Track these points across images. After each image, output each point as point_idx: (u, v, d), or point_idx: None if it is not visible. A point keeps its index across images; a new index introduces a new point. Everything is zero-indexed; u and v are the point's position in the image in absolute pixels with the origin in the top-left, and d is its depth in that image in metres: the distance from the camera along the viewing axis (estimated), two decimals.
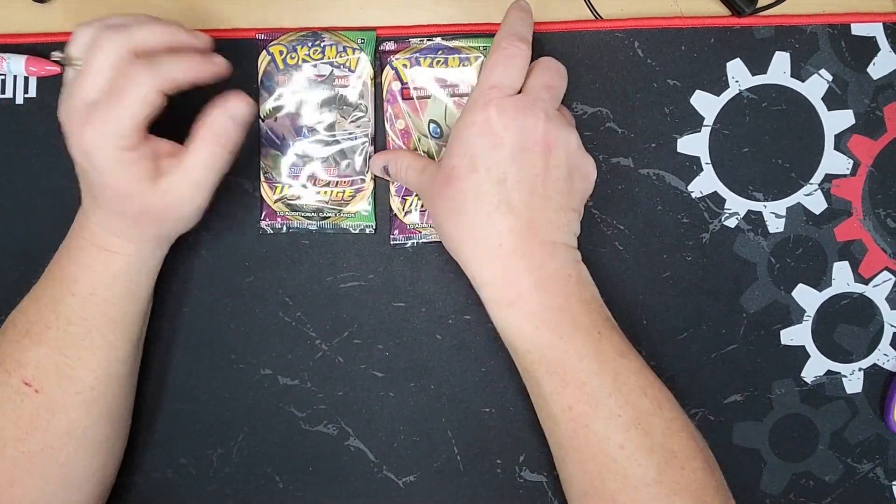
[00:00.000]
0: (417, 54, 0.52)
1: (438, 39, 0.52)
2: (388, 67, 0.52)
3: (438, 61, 0.52)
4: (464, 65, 0.52)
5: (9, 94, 0.54)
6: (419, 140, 0.52)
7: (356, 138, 0.53)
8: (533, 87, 0.46)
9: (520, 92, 0.46)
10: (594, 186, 0.52)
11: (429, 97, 0.52)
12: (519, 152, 0.44)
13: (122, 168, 0.43)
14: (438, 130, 0.52)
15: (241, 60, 0.54)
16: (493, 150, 0.44)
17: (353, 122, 0.53)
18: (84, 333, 0.46)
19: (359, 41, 0.53)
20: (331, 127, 0.53)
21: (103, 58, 0.42)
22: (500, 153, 0.44)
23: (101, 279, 0.47)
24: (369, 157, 0.53)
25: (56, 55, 0.46)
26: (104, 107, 0.42)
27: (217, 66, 0.46)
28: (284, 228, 0.54)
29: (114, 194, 0.44)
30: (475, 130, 0.45)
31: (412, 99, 0.52)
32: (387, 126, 0.53)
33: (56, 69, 0.53)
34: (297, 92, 0.53)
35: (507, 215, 0.44)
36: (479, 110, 0.45)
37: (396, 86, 0.52)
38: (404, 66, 0.52)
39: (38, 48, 0.54)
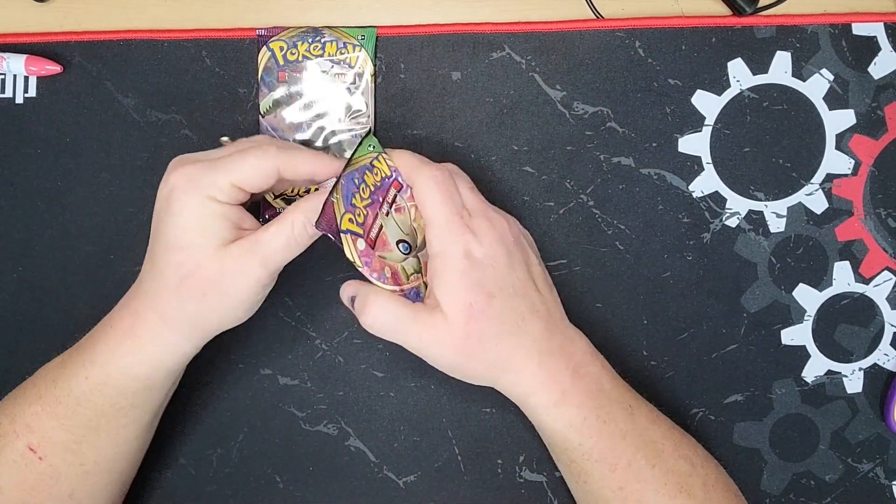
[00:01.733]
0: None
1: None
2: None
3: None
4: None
5: (9, 93, 0.54)
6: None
7: (356, 135, 0.53)
8: (466, 196, 0.46)
9: None
10: (595, 186, 0.52)
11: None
12: (509, 259, 0.45)
13: (199, 217, 0.42)
14: (408, 246, 0.47)
15: (242, 57, 0.54)
16: (494, 270, 0.44)
17: (352, 118, 0.53)
18: (92, 416, 0.45)
19: (359, 37, 0.53)
20: (331, 123, 0.53)
21: (248, 142, 0.45)
22: (499, 269, 0.44)
23: (116, 369, 0.44)
24: None
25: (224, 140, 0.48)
26: (218, 158, 0.43)
27: (334, 169, 0.45)
28: None
29: (177, 245, 0.42)
30: (467, 263, 0.44)
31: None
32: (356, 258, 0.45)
33: (56, 69, 0.53)
34: (297, 88, 0.53)
35: (535, 318, 0.45)
36: (456, 244, 0.44)
37: (361, 244, 0.45)
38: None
39: (38, 48, 0.54)
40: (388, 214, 0.47)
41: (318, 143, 0.53)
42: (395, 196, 0.47)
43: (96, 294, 0.54)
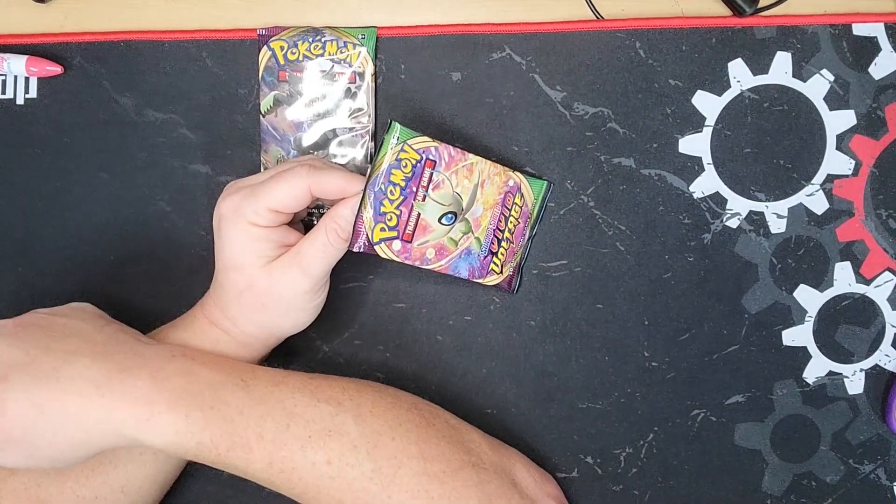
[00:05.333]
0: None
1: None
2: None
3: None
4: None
5: (9, 94, 0.54)
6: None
7: (356, 134, 0.53)
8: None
9: None
10: (595, 187, 0.52)
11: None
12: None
13: (245, 241, 0.45)
14: (452, 217, 0.48)
15: (242, 57, 0.54)
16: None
17: (353, 117, 0.53)
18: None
19: (359, 37, 0.53)
20: (331, 123, 0.53)
21: (287, 161, 0.48)
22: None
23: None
24: (370, 153, 0.53)
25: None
26: (256, 185, 0.45)
27: (362, 184, 0.45)
28: None
29: (230, 265, 0.46)
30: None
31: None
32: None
33: (56, 69, 0.53)
34: (297, 87, 0.53)
35: (78, 356, 0.42)
36: None
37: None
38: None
39: (39, 48, 0.54)
40: (424, 199, 0.47)
41: (320, 143, 0.53)
42: (431, 174, 0.47)
43: (96, 294, 0.54)
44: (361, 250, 0.45)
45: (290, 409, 0.43)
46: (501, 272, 0.51)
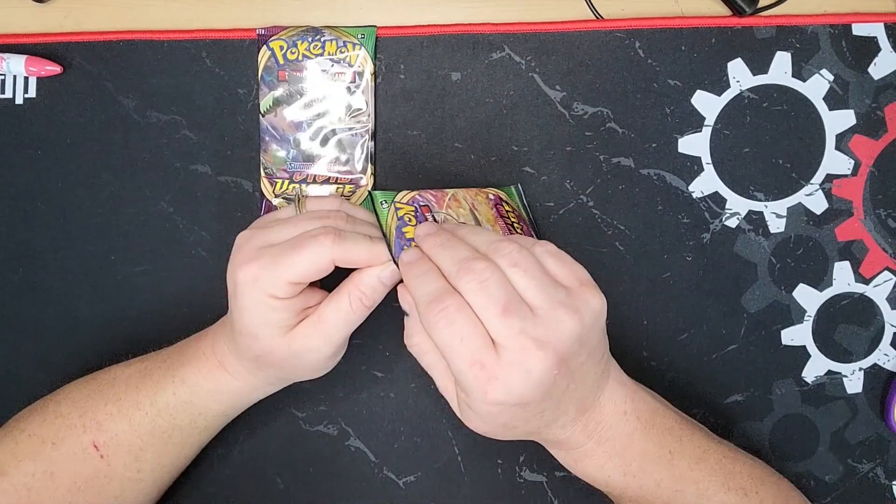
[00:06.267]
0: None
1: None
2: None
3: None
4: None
5: (8, 94, 0.54)
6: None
7: (356, 134, 0.53)
8: (523, 291, 0.40)
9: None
10: (594, 186, 0.52)
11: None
12: (542, 395, 0.39)
13: (262, 312, 0.43)
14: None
15: (242, 57, 0.54)
16: (520, 411, 0.40)
17: (352, 117, 0.53)
18: (167, 428, 0.47)
19: (359, 36, 0.53)
20: (331, 122, 0.53)
21: (311, 215, 0.45)
22: (527, 409, 0.40)
23: (205, 392, 0.47)
24: (370, 153, 0.53)
25: (294, 193, 0.48)
26: (277, 253, 0.42)
27: (382, 259, 0.44)
28: None
29: (246, 332, 0.44)
30: (486, 410, 0.40)
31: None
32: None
33: (56, 69, 0.53)
34: (297, 87, 0.53)
35: (557, 425, 0.43)
36: (476, 397, 0.39)
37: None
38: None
39: (38, 48, 0.54)
40: None
41: (319, 142, 0.53)
42: (433, 217, 0.46)
43: (96, 294, 0.54)
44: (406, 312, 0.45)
45: (703, 490, 0.45)
46: None
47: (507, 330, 0.38)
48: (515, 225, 0.50)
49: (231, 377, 0.47)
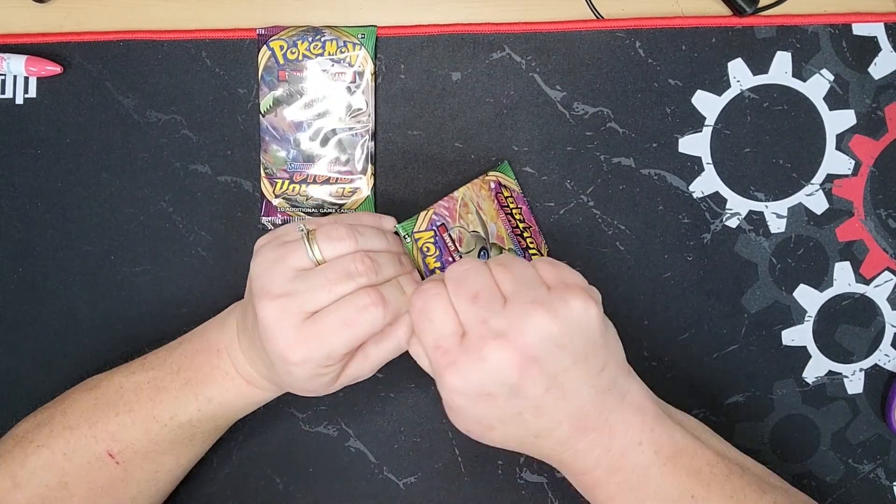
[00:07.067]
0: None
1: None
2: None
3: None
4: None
5: (9, 94, 0.54)
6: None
7: (356, 134, 0.53)
8: (466, 317, 0.40)
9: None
10: (595, 186, 0.52)
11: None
12: (513, 386, 0.39)
13: (314, 381, 0.43)
14: (484, 251, 0.50)
15: (242, 57, 0.54)
16: (489, 404, 0.40)
17: (353, 117, 0.53)
18: (188, 436, 0.47)
19: (359, 36, 0.53)
20: (331, 122, 0.53)
21: (339, 272, 0.42)
22: (497, 402, 0.40)
23: (233, 408, 0.47)
24: (370, 153, 0.53)
25: (302, 231, 0.44)
26: (327, 332, 0.41)
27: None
28: (285, 224, 0.54)
29: (292, 387, 0.44)
30: (456, 401, 0.40)
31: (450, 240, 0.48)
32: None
33: (56, 69, 0.53)
34: (297, 87, 0.53)
35: (549, 435, 0.41)
36: (442, 384, 0.40)
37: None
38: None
39: (39, 49, 0.54)
40: (461, 257, 0.48)
41: (320, 142, 0.53)
42: (449, 235, 0.49)
43: (96, 294, 0.54)
44: None
45: None
46: (542, 253, 0.52)
47: (473, 318, 0.39)
48: (515, 212, 0.51)
49: (260, 391, 0.47)
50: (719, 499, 0.41)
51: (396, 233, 0.47)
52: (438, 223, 0.45)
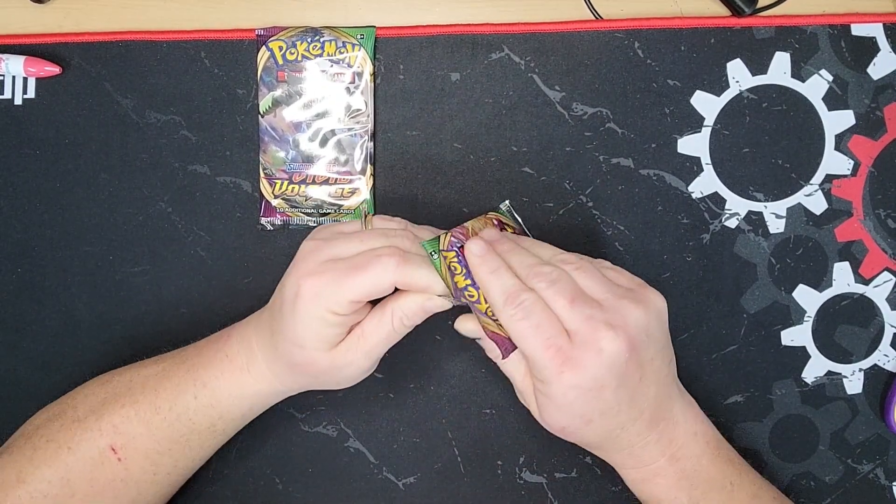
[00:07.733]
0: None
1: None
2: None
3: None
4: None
5: (7, 94, 0.54)
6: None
7: (355, 134, 0.53)
8: (589, 288, 0.43)
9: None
10: (594, 187, 0.52)
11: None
12: (617, 380, 0.41)
13: (318, 326, 0.43)
14: None
15: (241, 57, 0.54)
16: (596, 397, 0.42)
17: (352, 117, 0.53)
18: (185, 432, 0.47)
19: (358, 37, 0.53)
20: (330, 123, 0.53)
21: (377, 232, 0.45)
22: (603, 396, 0.42)
23: (226, 395, 0.47)
24: (369, 153, 0.53)
25: (361, 209, 0.48)
26: (342, 270, 0.43)
27: (439, 290, 0.45)
28: (284, 225, 0.54)
29: (294, 341, 0.44)
30: (563, 397, 0.42)
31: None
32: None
33: (55, 70, 0.53)
34: (296, 88, 0.53)
35: (634, 425, 0.44)
36: (554, 382, 0.41)
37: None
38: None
39: (37, 49, 0.54)
40: None
41: (319, 143, 0.53)
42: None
43: (95, 294, 0.54)
44: (510, 353, 0.45)
45: None
46: None
47: (578, 316, 0.41)
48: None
49: (253, 380, 0.47)
50: (748, 486, 0.46)
51: (429, 252, 0.46)
52: (458, 245, 0.46)
